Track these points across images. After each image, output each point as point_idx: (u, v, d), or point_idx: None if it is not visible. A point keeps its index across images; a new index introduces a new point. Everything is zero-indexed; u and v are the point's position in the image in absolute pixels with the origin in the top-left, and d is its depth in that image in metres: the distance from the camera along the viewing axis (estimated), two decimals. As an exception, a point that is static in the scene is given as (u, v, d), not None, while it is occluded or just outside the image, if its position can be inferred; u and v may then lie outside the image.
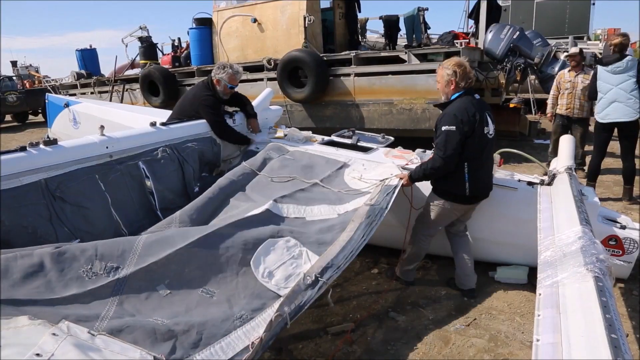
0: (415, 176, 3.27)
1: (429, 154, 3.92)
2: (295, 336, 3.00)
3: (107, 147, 3.16)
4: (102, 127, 3.21)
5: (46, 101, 7.18)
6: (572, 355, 1.30)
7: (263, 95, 4.84)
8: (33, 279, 1.91)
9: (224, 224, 2.47)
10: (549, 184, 3.25)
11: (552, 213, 2.55)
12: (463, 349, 2.83)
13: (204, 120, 3.99)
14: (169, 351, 1.75)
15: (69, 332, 1.59)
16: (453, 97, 3.18)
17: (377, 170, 3.53)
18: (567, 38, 12.23)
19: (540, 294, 1.66)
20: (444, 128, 3.08)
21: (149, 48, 13.43)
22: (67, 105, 6.38)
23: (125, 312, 1.91)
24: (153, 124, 3.62)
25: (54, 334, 1.53)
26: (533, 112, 11.64)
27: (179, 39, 13.80)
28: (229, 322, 1.99)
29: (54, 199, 2.70)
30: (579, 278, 1.64)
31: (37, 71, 36.76)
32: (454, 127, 3.04)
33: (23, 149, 2.78)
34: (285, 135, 4.22)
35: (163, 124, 3.70)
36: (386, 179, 3.32)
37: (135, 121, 4.51)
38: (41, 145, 2.85)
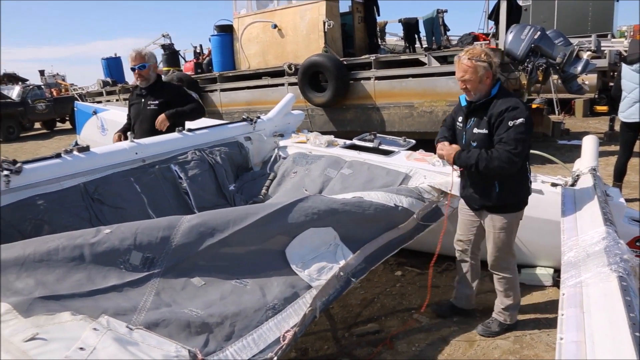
0: (465, 160, 2.71)
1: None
2: (321, 337, 3.07)
3: (136, 153, 3.28)
4: (131, 133, 3.33)
5: (75, 109, 7.42)
6: (595, 354, 1.33)
7: (285, 100, 4.92)
8: (75, 272, 2.02)
9: (265, 212, 2.52)
10: (573, 185, 3.24)
11: (575, 214, 2.56)
12: (488, 350, 2.84)
13: (228, 126, 4.09)
14: (203, 344, 1.83)
15: (108, 326, 1.68)
16: (495, 91, 2.75)
17: (437, 181, 3.53)
18: (590, 37, 12.04)
19: (563, 294, 1.68)
20: (518, 121, 2.57)
21: (171, 55, 13.69)
22: (95, 112, 6.60)
23: (162, 302, 2.01)
24: (179, 130, 3.73)
25: (95, 329, 1.62)
26: (556, 112, 11.49)
27: (200, 45, 14.04)
28: (262, 312, 2.08)
29: (93, 201, 2.84)
30: (603, 278, 1.66)
31: (63, 79, 37.83)
32: (524, 120, 2.58)
33: (58, 155, 2.92)
34: (308, 139, 4.29)
35: (189, 130, 3.81)
36: (444, 193, 3.34)
37: None
38: (75, 152, 2.99)
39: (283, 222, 2.54)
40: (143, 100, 3.86)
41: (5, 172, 2.54)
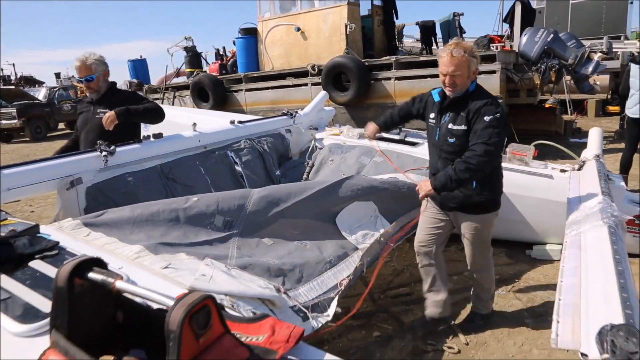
0: (443, 178, 2.60)
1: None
2: (358, 297, 3.56)
3: (199, 141, 3.81)
4: (194, 124, 3.86)
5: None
6: (588, 274, 1.80)
7: (319, 97, 5.43)
8: (173, 229, 2.54)
9: (320, 187, 3.02)
10: (579, 169, 3.70)
11: (579, 190, 3.02)
12: (504, 307, 3.33)
13: (273, 119, 4.62)
14: (281, 283, 2.34)
15: (213, 264, 2.19)
16: (473, 87, 2.68)
17: None
18: (602, 38, 12.38)
19: (566, 241, 2.16)
20: (493, 116, 2.53)
21: (194, 57, 14.28)
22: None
23: (244, 254, 2.52)
24: (232, 122, 4.26)
25: (206, 264, 2.13)
26: (569, 112, 11.86)
27: (224, 48, 14.64)
28: (321, 264, 2.58)
29: (168, 180, 3.36)
30: (597, 228, 2.14)
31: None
32: (499, 115, 2.56)
33: (140, 141, 3.45)
34: (341, 132, 4.78)
35: (240, 122, 4.34)
36: None
37: (195, 120, 5.04)
38: (151, 139, 3.52)
39: (334, 196, 3.05)
40: (92, 108, 3.51)
41: (104, 153, 3.08)
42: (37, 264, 1.87)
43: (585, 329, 1.38)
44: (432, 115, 2.86)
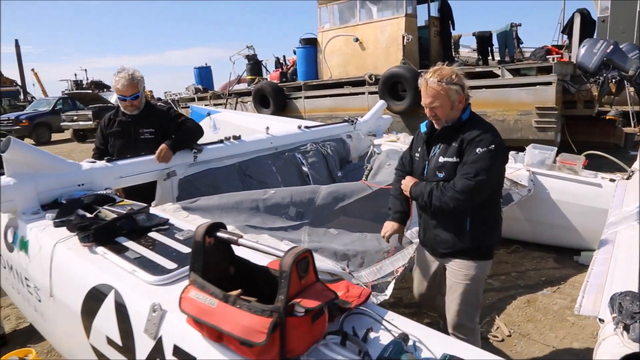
0: (419, 190, 2.39)
1: (522, 155, 4.64)
2: (412, 291, 3.88)
3: (271, 143, 4.28)
4: (267, 127, 4.34)
5: (190, 111, 8.72)
6: (617, 264, 2.07)
7: (377, 106, 5.80)
8: (254, 216, 2.99)
9: (379, 186, 3.41)
10: (628, 179, 3.86)
11: (623, 197, 3.22)
12: (548, 305, 3.56)
13: (335, 125, 5.05)
14: (346, 266, 2.72)
15: (290, 245, 2.61)
16: (466, 116, 2.36)
17: (509, 172, 4.21)
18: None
19: (602, 238, 2.42)
20: (486, 148, 2.22)
21: (255, 65, 15.05)
22: (209, 114, 7.81)
23: (313, 240, 2.93)
24: (299, 127, 4.72)
25: (285, 244, 2.56)
26: (632, 124, 11.56)
27: (283, 56, 15.32)
28: (380, 253, 2.95)
29: (244, 176, 3.84)
30: (632, 228, 2.38)
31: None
32: (493, 147, 2.23)
33: (221, 141, 3.95)
34: (398, 139, 5.14)
35: (306, 127, 4.79)
36: (515, 183, 4.12)
37: (264, 125, 5.49)
38: (231, 139, 4.01)
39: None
40: (132, 129, 3.47)
41: (194, 151, 3.59)
42: (154, 235, 2.35)
43: (605, 301, 1.68)
44: (419, 149, 2.52)
